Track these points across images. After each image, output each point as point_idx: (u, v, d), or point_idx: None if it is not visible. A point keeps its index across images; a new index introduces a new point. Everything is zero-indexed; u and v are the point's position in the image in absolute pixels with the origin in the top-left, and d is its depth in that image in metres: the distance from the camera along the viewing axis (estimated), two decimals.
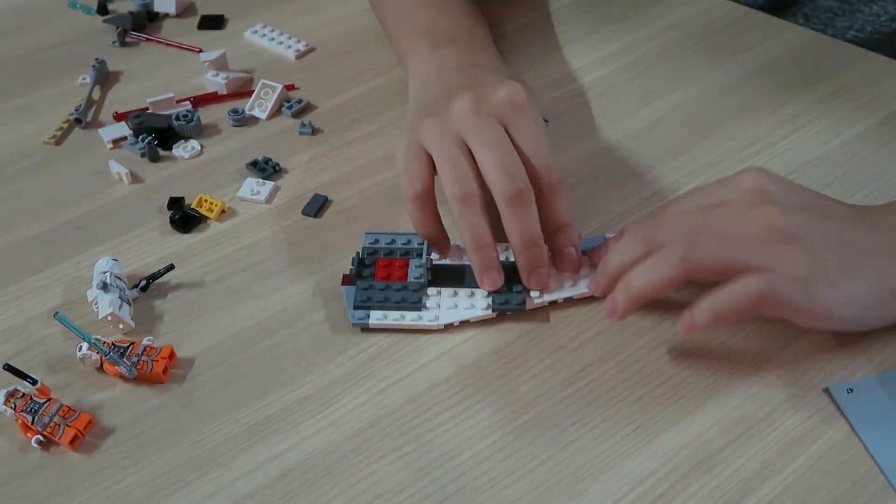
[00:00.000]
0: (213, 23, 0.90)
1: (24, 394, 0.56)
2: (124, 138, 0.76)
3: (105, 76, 0.84)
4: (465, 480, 0.53)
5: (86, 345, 0.58)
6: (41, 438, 0.55)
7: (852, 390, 0.56)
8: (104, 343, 0.58)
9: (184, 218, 0.68)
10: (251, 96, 0.79)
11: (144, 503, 0.52)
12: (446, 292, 0.61)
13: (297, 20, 0.90)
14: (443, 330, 0.60)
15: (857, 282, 0.55)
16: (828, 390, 0.56)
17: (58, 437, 0.54)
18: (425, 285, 0.62)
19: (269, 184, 0.71)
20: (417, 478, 0.53)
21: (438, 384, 0.58)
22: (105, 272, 0.62)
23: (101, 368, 0.59)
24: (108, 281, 0.61)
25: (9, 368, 0.57)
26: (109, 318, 0.60)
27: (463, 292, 0.61)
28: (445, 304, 0.61)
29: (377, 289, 0.61)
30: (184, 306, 0.63)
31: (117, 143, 0.76)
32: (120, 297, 0.61)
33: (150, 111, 0.78)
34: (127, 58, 0.86)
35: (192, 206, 0.69)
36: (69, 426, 0.54)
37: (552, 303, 0.61)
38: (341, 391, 0.57)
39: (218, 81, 0.81)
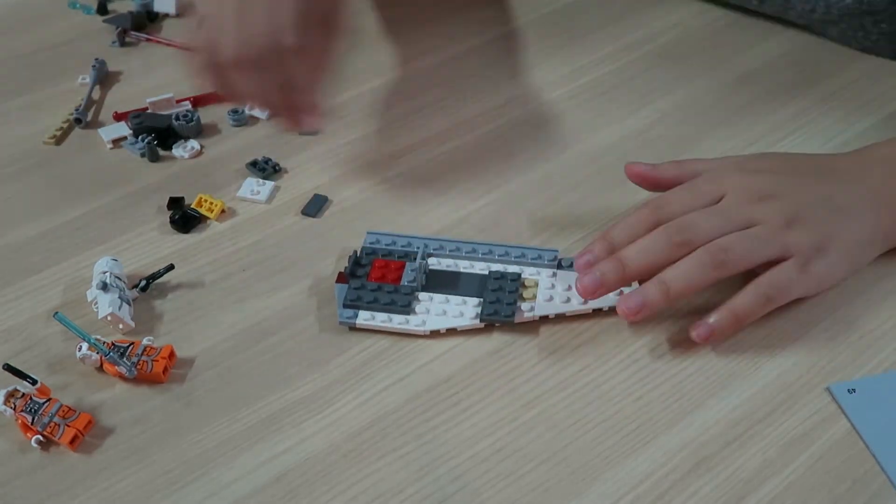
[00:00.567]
0: None
1: (23, 394, 0.56)
2: (124, 138, 0.76)
3: (105, 76, 0.84)
4: (465, 480, 0.53)
5: (86, 345, 0.58)
6: (41, 438, 0.55)
7: (854, 390, 0.56)
8: (104, 343, 0.58)
9: (184, 218, 0.68)
10: None
11: (144, 503, 0.52)
12: (438, 298, 0.61)
13: None
14: (428, 336, 0.60)
15: (839, 241, 0.60)
16: (829, 390, 0.56)
17: (58, 437, 0.54)
18: (418, 289, 0.61)
19: (270, 184, 0.71)
20: (417, 478, 0.53)
21: (438, 384, 0.58)
22: (105, 272, 0.62)
23: (100, 368, 0.59)
24: (107, 281, 0.61)
25: (9, 368, 0.57)
26: (109, 318, 0.60)
27: (455, 300, 0.61)
28: (435, 311, 0.61)
29: (369, 289, 0.61)
30: (184, 306, 0.63)
31: (117, 143, 0.76)
32: (120, 297, 0.61)
33: (149, 111, 0.78)
34: (127, 58, 0.86)
35: (192, 206, 0.69)
36: (69, 426, 0.54)
37: (543, 317, 0.61)
38: (341, 391, 0.57)
39: None
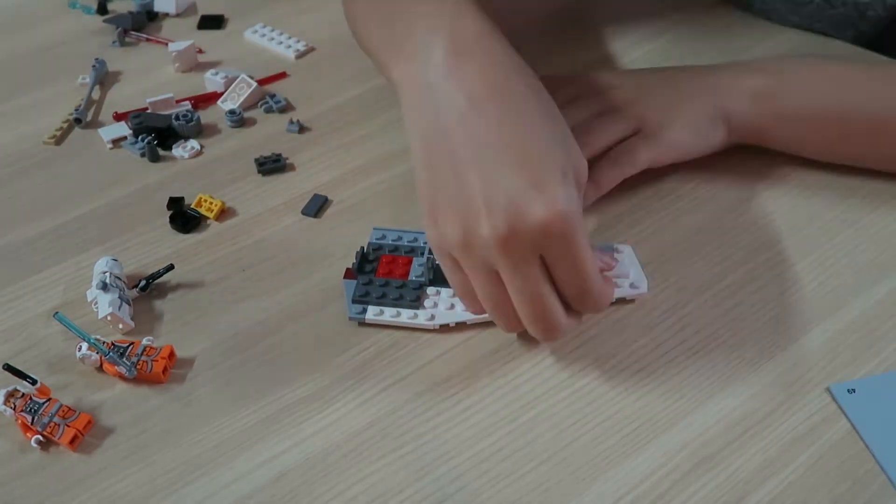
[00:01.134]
0: (213, 23, 0.90)
1: (23, 394, 0.56)
2: (124, 138, 0.76)
3: (105, 76, 0.84)
4: (465, 480, 0.53)
5: (86, 345, 0.58)
6: (41, 438, 0.55)
7: (854, 390, 0.56)
8: (104, 343, 0.58)
9: (184, 218, 0.68)
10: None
11: (144, 503, 0.52)
12: (446, 293, 0.61)
13: (297, 20, 0.90)
14: (437, 330, 0.60)
15: (684, 113, 0.68)
16: (829, 390, 0.56)
17: (57, 437, 0.54)
18: (426, 284, 0.62)
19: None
20: (417, 478, 0.53)
21: (438, 384, 0.57)
22: (105, 272, 0.62)
23: (100, 368, 0.59)
24: (107, 281, 0.61)
25: (8, 368, 0.57)
26: (109, 318, 0.60)
27: None
28: (443, 305, 0.61)
29: (377, 284, 0.61)
30: (184, 306, 0.63)
31: (117, 143, 0.76)
32: (120, 297, 0.61)
33: (149, 111, 0.78)
34: (127, 58, 0.86)
35: (192, 206, 0.69)
36: (69, 426, 0.54)
37: None
38: (341, 391, 0.57)
39: (217, 80, 0.81)
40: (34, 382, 0.56)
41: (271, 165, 0.73)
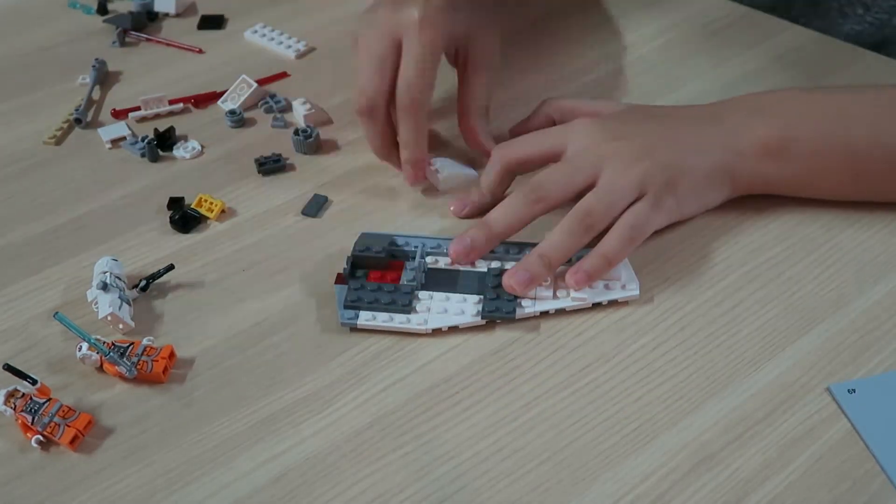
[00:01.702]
0: (213, 23, 0.90)
1: (23, 394, 0.56)
2: (123, 138, 0.76)
3: (105, 76, 0.84)
4: (465, 480, 0.53)
5: (86, 345, 0.58)
6: (41, 438, 0.55)
7: (854, 390, 0.56)
8: (104, 343, 0.58)
9: (184, 218, 0.68)
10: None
11: (144, 503, 0.52)
12: (438, 297, 0.61)
13: (297, 20, 0.90)
14: (430, 335, 0.60)
15: (688, 177, 0.64)
16: (829, 390, 0.56)
17: (58, 437, 0.54)
18: (417, 288, 0.61)
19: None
20: (417, 478, 0.53)
21: (438, 384, 0.57)
22: (105, 272, 0.62)
23: (101, 368, 0.59)
24: (108, 281, 0.61)
25: (9, 368, 0.57)
26: (109, 318, 0.60)
27: (455, 298, 0.61)
28: (436, 309, 0.61)
29: (368, 289, 0.61)
30: (184, 306, 0.63)
31: (116, 143, 0.76)
32: (120, 297, 0.61)
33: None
34: (127, 58, 0.86)
35: (192, 206, 0.69)
36: (69, 426, 0.54)
37: (543, 313, 0.61)
38: (341, 391, 0.57)
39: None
40: (34, 382, 0.56)
41: (271, 165, 0.73)
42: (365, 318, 0.60)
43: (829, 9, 0.86)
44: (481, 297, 0.61)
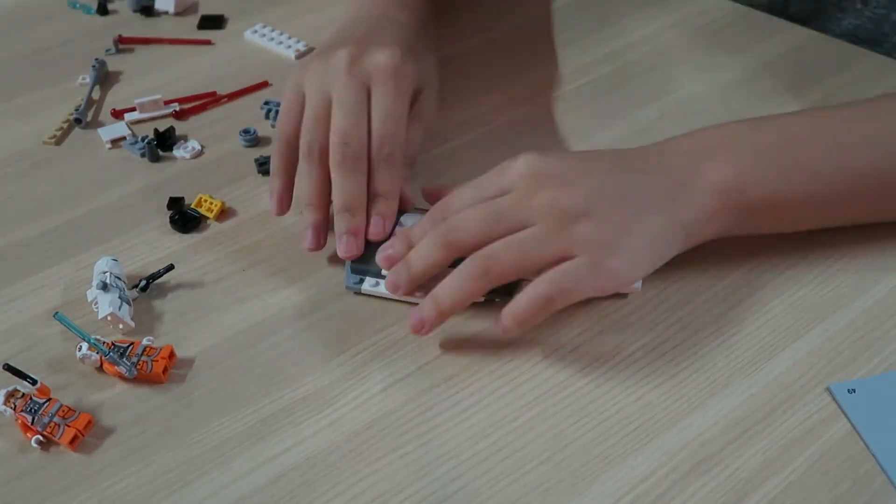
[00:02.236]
0: (213, 23, 0.90)
1: (23, 394, 0.56)
2: (123, 138, 0.76)
3: (105, 76, 0.84)
4: (465, 480, 0.53)
5: (86, 345, 0.58)
6: (41, 438, 0.55)
7: (854, 390, 0.56)
8: (104, 343, 0.58)
9: (184, 218, 0.68)
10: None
11: (144, 503, 0.52)
12: (444, 273, 0.61)
13: (297, 20, 0.90)
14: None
15: (635, 237, 0.57)
16: (829, 390, 0.56)
17: (57, 437, 0.54)
18: None
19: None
20: (417, 478, 0.53)
21: (438, 384, 0.57)
22: (105, 272, 0.62)
23: (100, 368, 0.59)
24: (108, 281, 0.61)
25: (9, 368, 0.57)
26: (109, 318, 0.60)
27: None
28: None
29: (375, 258, 0.62)
30: (184, 306, 0.63)
31: (116, 143, 0.76)
32: (120, 297, 0.61)
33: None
34: (126, 58, 0.86)
35: (192, 206, 0.69)
36: (69, 426, 0.54)
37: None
38: (341, 391, 0.57)
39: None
40: (34, 382, 0.56)
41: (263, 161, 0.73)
42: (370, 284, 0.61)
43: (826, 4, 0.85)
44: None
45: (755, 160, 0.60)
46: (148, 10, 0.91)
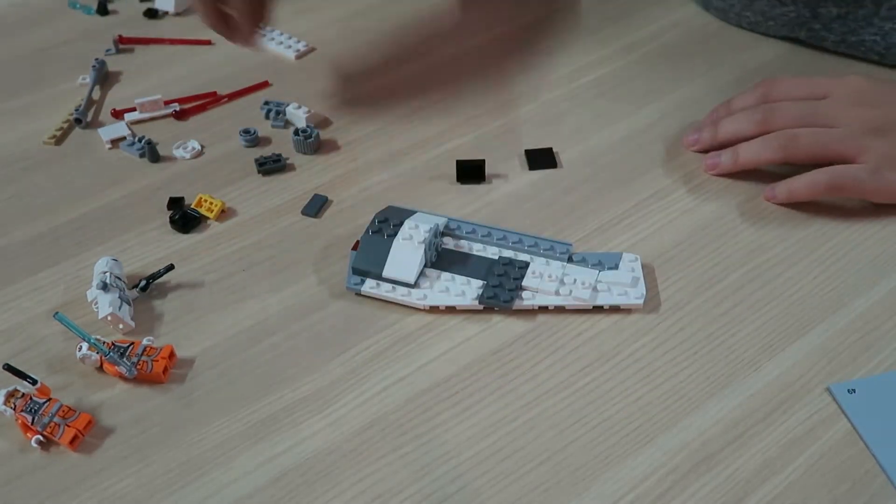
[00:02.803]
0: None
1: (23, 394, 0.56)
2: (123, 138, 0.76)
3: (105, 76, 0.84)
4: (465, 480, 0.53)
5: (86, 345, 0.58)
6: (41, 438, 0.55)
7: (854, 390, 0.56)
8: (104, 343, 0.58)
9: (184, 218, 0.68)
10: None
11: (144, 503, 0.52)
12: (445, 276, 0.62)
13: (297, 20, 0.90)
14: (427, 311, 0.61)
15: None
16: (829, 390, 0.56)
17: (58, 437, 0.54)
18: (426, 265, 0.62)
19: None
20: (417, 478, 0.53)
21: (438, 384, 0.58)
22: (105, 272, 0.62)
23: (101, 368, 0.59)
24: (108, 281, 0.61)
25: (9, 368, 0.57)
26: (109, 318, 0.60)
27: (460, 280, 0.62)
28: (438, 288, 0.61)
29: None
30: (184, 306, 0.63)
31: (116, 143, 0.76)
32: (120, 297, 0.61)
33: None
34: (126, 58, 0.86)
35: (192, 206, 0.69)
36: (69, 426, 0.54)
37: (542, 308, 0.61)
38: (341, 391, 0.57)
39: (299, 115, 0.80)
40: (34, 382, 0.56)
41: (271, 165, 0.73)
42: (370, 285, 0.62)
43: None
44: (485, 282, 0.61)
45: None
46: (153, 13, 0.91)
